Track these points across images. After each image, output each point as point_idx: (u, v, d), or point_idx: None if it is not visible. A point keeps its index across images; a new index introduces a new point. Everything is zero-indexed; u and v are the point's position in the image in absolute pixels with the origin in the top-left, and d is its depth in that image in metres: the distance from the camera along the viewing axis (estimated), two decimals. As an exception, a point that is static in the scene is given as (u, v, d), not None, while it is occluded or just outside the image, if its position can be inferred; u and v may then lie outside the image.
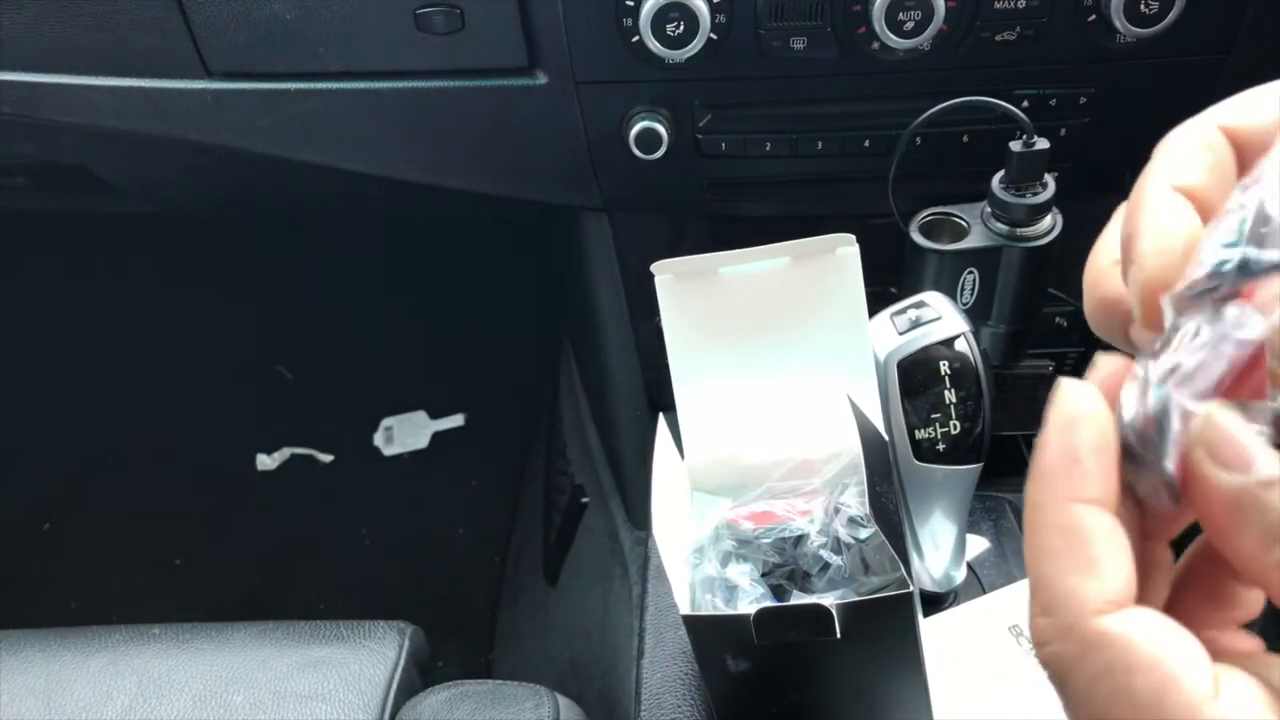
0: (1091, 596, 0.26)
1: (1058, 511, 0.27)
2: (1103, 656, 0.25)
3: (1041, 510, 0.27)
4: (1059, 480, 0.27)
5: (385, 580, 1.41)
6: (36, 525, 1.50)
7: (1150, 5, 0.67)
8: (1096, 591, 0.26)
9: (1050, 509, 0.27)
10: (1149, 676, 0.25)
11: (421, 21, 0.72)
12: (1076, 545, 0.26)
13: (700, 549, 0.59)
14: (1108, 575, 0.26)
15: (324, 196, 1.14)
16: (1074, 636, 0.26)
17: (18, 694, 0.71)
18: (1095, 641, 0.25)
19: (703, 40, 0.69)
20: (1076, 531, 0.26)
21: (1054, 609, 0.26)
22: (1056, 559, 0.26)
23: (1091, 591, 0.26)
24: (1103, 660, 0.25)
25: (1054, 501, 0.27)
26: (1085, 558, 0.26)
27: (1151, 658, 0.25)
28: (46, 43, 0.77)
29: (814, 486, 0.61)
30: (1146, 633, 0.25)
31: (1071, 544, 0.26)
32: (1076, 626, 0.26)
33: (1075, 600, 0.26)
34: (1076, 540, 0.26)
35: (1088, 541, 0.26)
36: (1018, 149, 0.66)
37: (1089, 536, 0.26)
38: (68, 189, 1.14)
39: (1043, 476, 0.27)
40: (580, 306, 1.00)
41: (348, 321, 1.69)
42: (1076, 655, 0.26)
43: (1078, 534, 0.26)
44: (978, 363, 0.61)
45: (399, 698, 0.71)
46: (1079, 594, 0.26)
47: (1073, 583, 0.26)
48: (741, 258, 0.59)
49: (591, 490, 1.13)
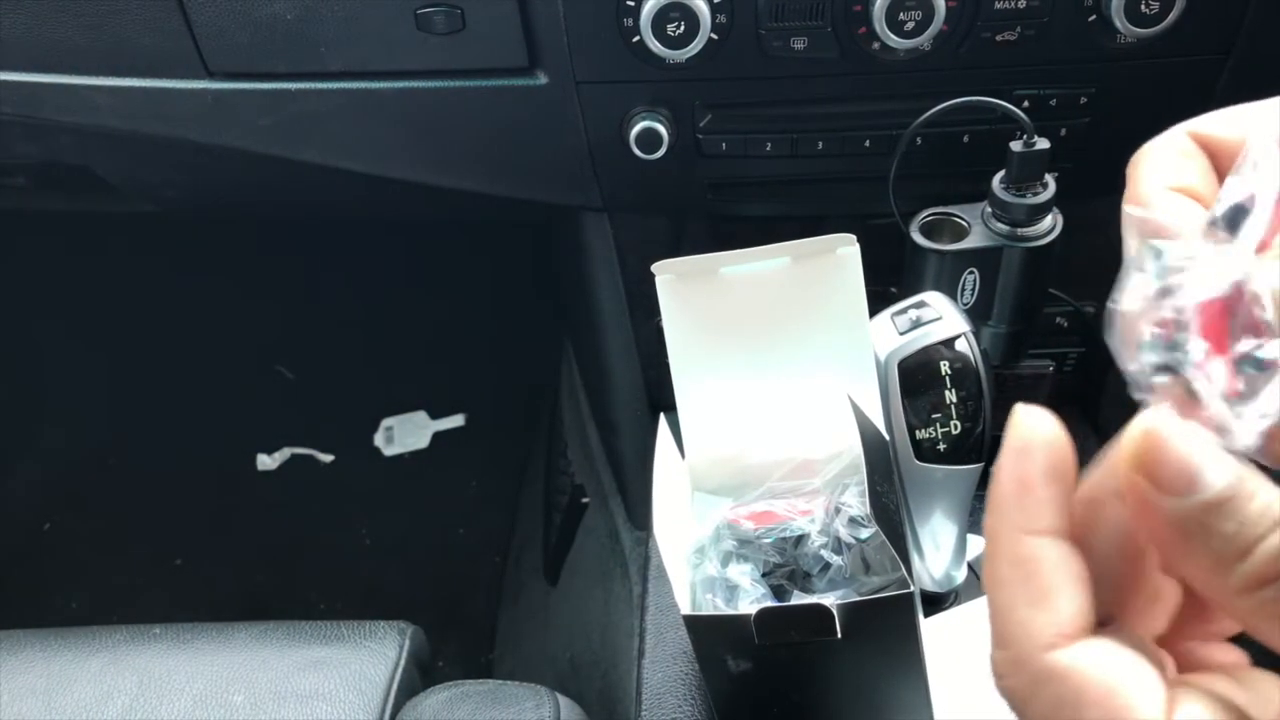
0: (1042, 629, 0.26)
1: (1010, 542, 0.27)
2: (1054, 690, 0.25)
3: (995, 540, 0.27)
4: (1011, 510, 0.27)
5: (385, 580, 1.41)
6: (37, 525, 1.50)
7: (1151, 5, 0.67)
8: (1046, 624, 0.26)
9: (1003, 539, 0.27)
10: (1099, 710, 0.25)
11: (422, 22, 0.72)
12: (1028, 577, 0.26)
13: (701, 549, 0.59)
14: (1058, 607, 0.26)
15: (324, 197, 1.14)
16: (1026, 670, 0.26)
17: (18, 694, 0.71)
18: (1046, 676, 0.25)
19: (703, 40, 0.69)
20: (1027, 563, 0.26)
21: (1008, 642, 0.26)
22: (1009, 591, 0.26)
23: (1041, 624, 0.26)
24: (1054, 694, 0.25)
25: (1006, 532, 0.27)
26: (1036, 589, 0.26)
27: (1102, 691, 0.25)
28: (47, 43, 0.77)
29: (815, 486, 0.61)
30: (1097, 665, 0.25)
31: (1023, 575, 0.26)
32: (1028, 660, 0.26)
33: (1027, 633, 0.26)
34: (1027, 572, 0.26)
35: (1038, 573, 0.26)
36: (1018, 149, 0.66)
37: (1039, 568, 0.26)
38: (68, 189, 1.14)
39: (996, 506, 0.27)
40: (581, 306, 1.00)
41: (348, 321, 1.69)
42: (1030, 689, 0.26)
43: (1028, 565, 0.26)
44: (978, 363, 0.61)
45: (399, 698, 0.71)
46: (1030, 627, 0.26)
47: (1024, 615, 0.26)
48: (742, 258, 0.59)
49: (592, 490, 1.13)
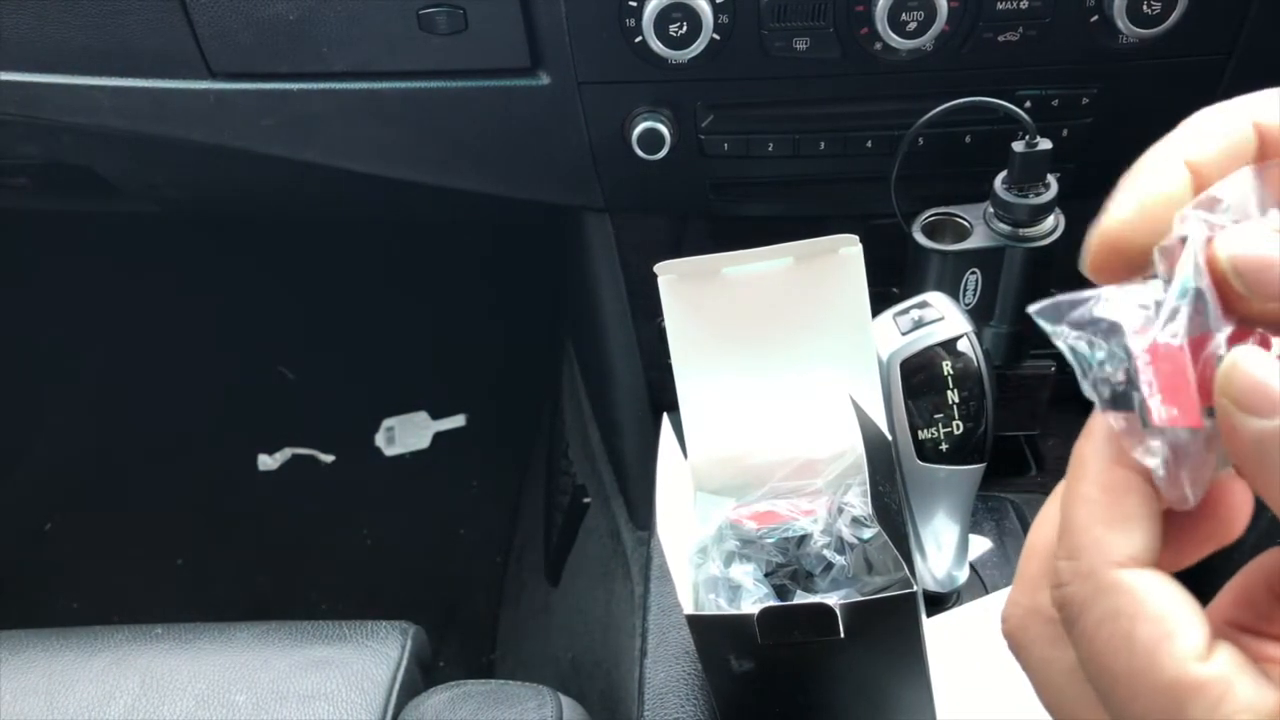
0: (1117, 548, 0.27)
1: (1104, 469, 0.28)
2: (1113, 602, 0.27)
3: (1088, 464, 0.29)
4: (1113, 443, 0.28)
5: (387, 580, 1.41)
6: (38, 525, 1.50)
7: (1153, 6, 0.67)
8: (1122, 546, 0.27)
9: (1097, 464, 0.28)
10: (1150, 627, 0.26)
11: (424, 22, 0.72)
12: (1114, 502, 0.28)
13: (704, 549, 0.59)
14: (1136, 535, 0.28)
15: (326, 197, 1.14)
16: (1091, 580, 0.27)
17: (20, 694, 0.71)
18: (1110, 588, 0.27)
19: (705, 41, 0.69)
20: (1118, 490, 0.28)
21: (1079, 553, 0.28)
22: (1093, 509, 0.28)
23: (1118, 545, 0.27)
24: (1112, 605, 0.27)
25: (1102, 459, 0.28)
26: (1120, 514, 0.28)
27: (1157, 612, 0.26)
28: (49, 43, 0.77)
29: (817, 486, 0.61)
30: (1158, 591, 0.27)
31: (1110, 500, 0.28)
32: (1096, 571, 0.27)
33: (1101, 548, 0.28)
34: (1115, 498, 0.28)
35: (1125, 502, 0.28)
36: (1020, 149, 0.67)
37: (1128, 497, 0.28)
38: (70, 189, 1.14)
39: (1097, 436, 0.29)
40: (582, 307, 1.00)
41: (349, 322, 1.69)
42: (1090, 597, 0.27)
43: (1118, 492, 0.28)
44: (980, 363, 0.61)
45: (401, 698, 0.71)
46: (1106, 544, 0.28)
47: (1102, 533, 0.28)
48: (745, 258, 0.59)
49: (593, 490, 1.13)
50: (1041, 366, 0.79)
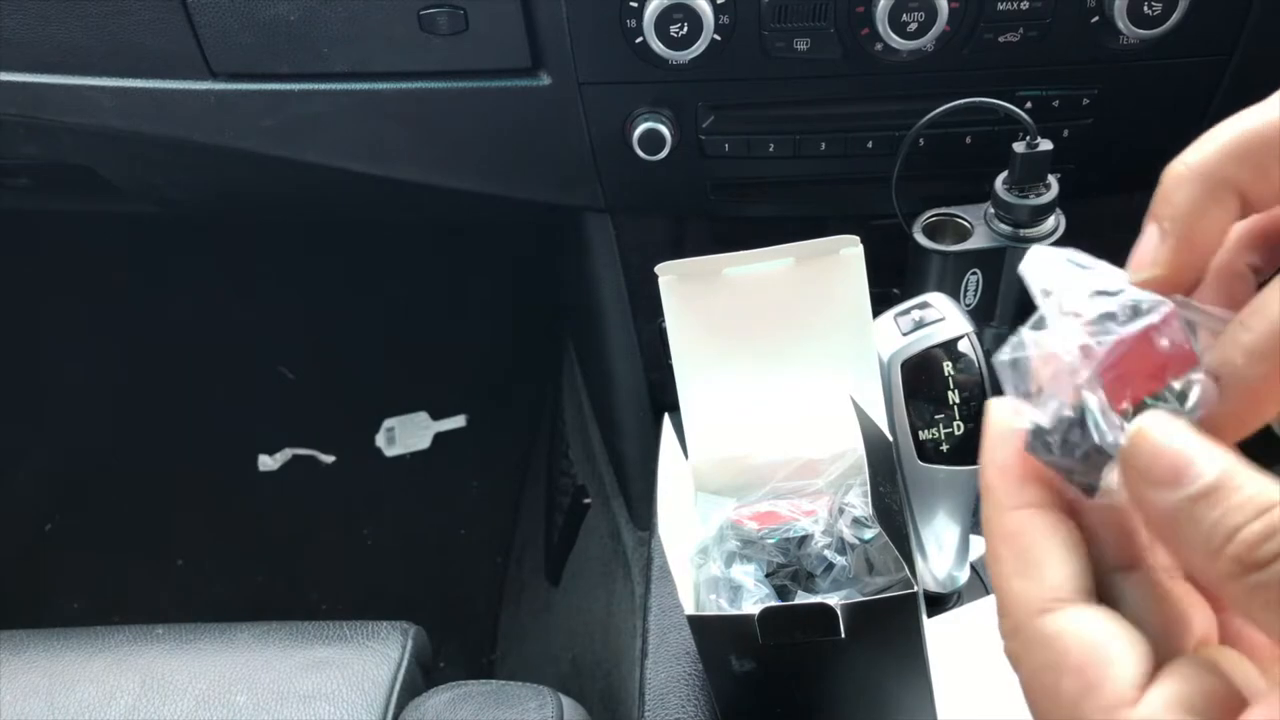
0: (1032, 597, 0.27)
1: (998, 520, 0.28)
2: (1040, 656, 0.27)
3: (988, 522, 0.29)
4: (995, 491, 0.29)
5: (387, 581, 1.41)
6: (38, 525, 1.50)
7: (1153, 7, 0.68)
8: (1036, 592, 0.27)
9: (993, 519, 0.29)
10: (1072, 680, 0.26)
11: (425, 22, 0.72)
12: (1017, 550, 0.28)
13: (704, 549, 0.59)
14: (1045, 575, 0.27)
15: (326, 197, 1.14)
16: (1020, 635, 0.27)
17: (20, 694, 0.71)
18: (1034, 641, 0.27)
19: (706, 41, 0.69)
20: (1015, 536, 0.28)
21: (1005, 610, 0.28)
22: (1002, 564, 0.28)
23: (1031, 592, 0.27)
24: (1040, 658, 0.27)
25: (995, 511, 0.28)
26: (1024, 560, 0.28)
27: (1079, 661, 0.26)
28: (50, 44, 0.77)
29: (818, 487, 0.61)
30: (1079, 633, 0.26)
31: (1012, 549, 0.28)
32: (1021, 626, 0.27)
33: (1019, 602, 0.27)
34: (1016, 545, 0.28)
35: (1025, 545, 0.28)
36: (1021, 150, 0.67)
37: (1026, 539, 0.28)
38: (71, 189, 1.14)
39: (984, 492, 0.29)
40: (583, 307, 1.00)
41: (349, 322, 1.69)
42: (1022, 652, 0.28)
43: (1016, 538, 0.28)
44: (981, 364, 0.61)
45: (402, 698, 0.71)
46: (1022, 595, 0.27)
47: (1016, 585, 0.28)
48: (746, 259, 0.59)
49: (594, 491, 1.13)
50: (1042, 367, 0.79)
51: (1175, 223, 0.28)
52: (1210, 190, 0.28)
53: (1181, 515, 0.25)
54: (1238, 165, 0.28)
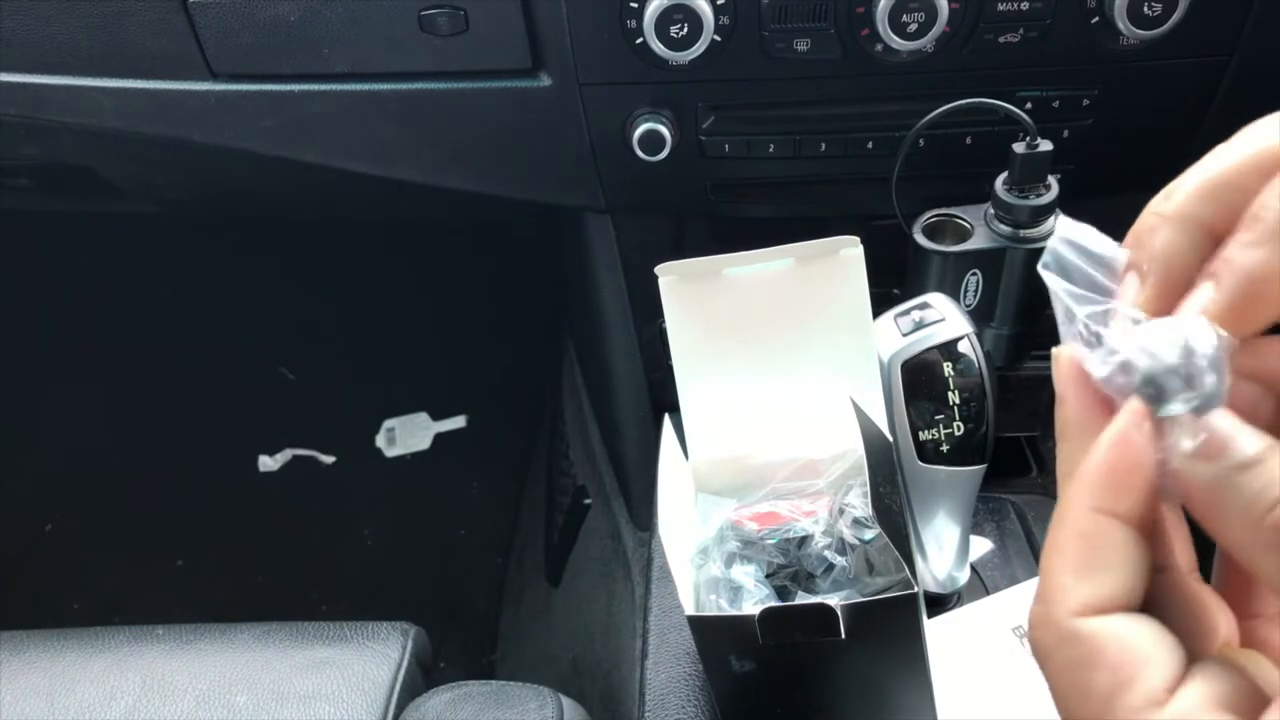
0: (1080, 596, 0.28)
1: (1082, 516, 0.29)
2: (1073, 651, 0.28)
3: (1068, 510, 0.29)
4: (1094, 489, 0.29)
5: (387, 581, 1.41)
6: (39, 526, 1.50)
7: (1153, 7, 0.68)
8: (1086, 594, 0.28)
9: (1076, 511, 0.29)
10: (1105, 677, 0.27)
11: (425, 23, 0.72)
12: (1088, 550, 0.28)
13: (705, 550, 0.59)
14: (1105, 581, 0.28)
15: (327, 197, 1.14)
16: (1053, 628, 0.28)
17: (21, 694, 0.71)
18: (1069, 636, 0.28)
19: (706, 42, 0.69)
20: (1090, 538, 0.28)
21: (1046, 599, 0.29)
22: (1065, 557, 0.29)
23: (1082, 592, 0.28)
24: (1072, 655, 0.28)
25: (1081, 505, 0.29)
26: (1088, 564, 0.28)
27: (1114, 660, 0.27)
28: (50, 44, 0.77)
29: (819, 487, 0.61)
30: (1116, 635, 0.27)
31: (1083, 548, 0.28)
32: (1058, 619, 0.28)
33: (1065, 596, 0.28)
34: (1089, 544, 0.28)
35: (1097, 550, 0.28)
36: (1021, 151, 0.67)
37: (1099, 545, 0.28)
38: (71, 190, 1.15)
39: (1081, 481, 0.29)
40: (583, 307, 1.00)
41: (350, 322, 1.69)
42: (1053, 645, 0.28)
43: (1090, 541, 0.28)
44: (981, 364, 0.61)
45: (402, 698, 0.71)
46: (1070, 592, 0.28)
47: (1069, 581, 0.28)
48: (746, 259, 0.59)
49: (594, 491, 1.13)
50: (1042, 367, 0.79)
51: (1154, 264, 0.30)
52: (1183, 232, 0.30)
53: (1225, 485, 0.26)
54: (1208, 205, 0.29)
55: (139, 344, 1.67)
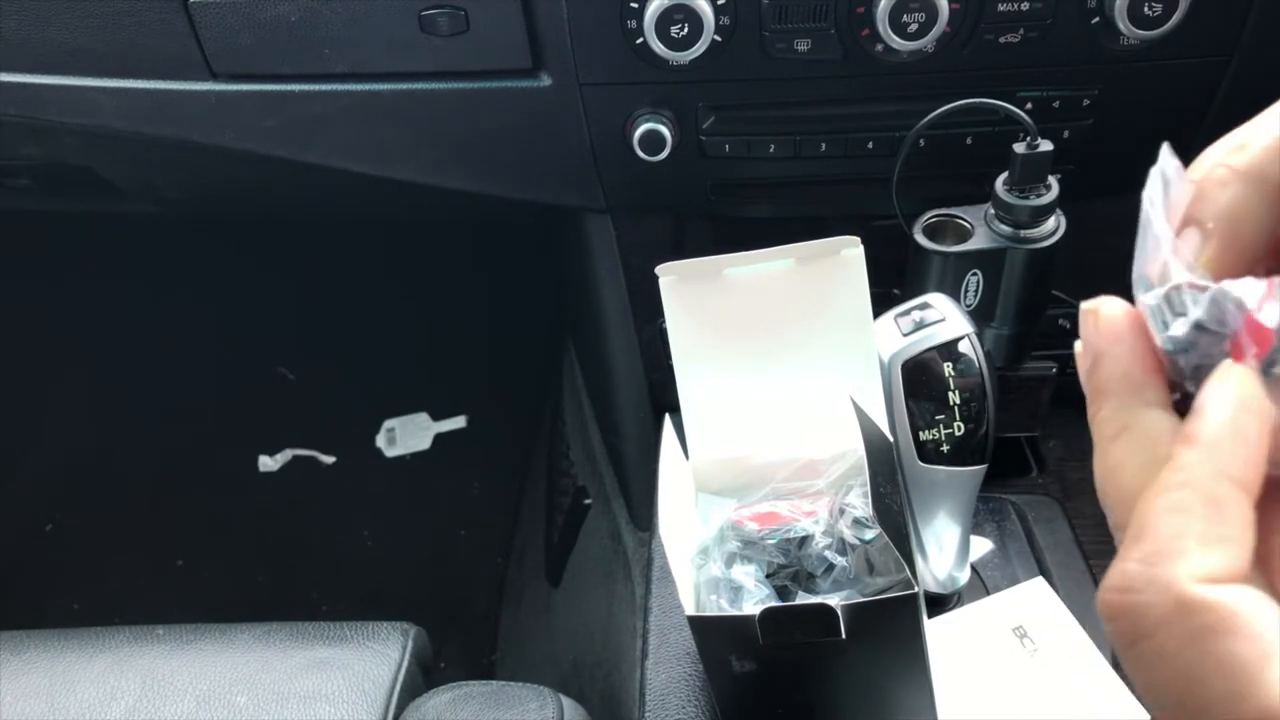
0: (1211, 563, 0.26)
1: (1208, 480, 0.27)
2: (1200, 619, 0.25)
3: (1191, 472, 0.27)
4: (1222, 452, 0.27)
5: (387, 581, 1.41)
6: (39, 526, 1.50)
7: (1154, 7, 0.68)
8: (1215, 562, 0.26)
9: (1203, 473, 0.27)
10: (1249, 646, 0.25)
11: (426, 23, 0.72)
12: (1214, 516, 0.26)
13: (705, 550, 0.59)
14: (1234, 552, 0.26)
15: (327, 197, 1.14)
16: (1172, 593, 0.26)
17: (21, 694, 0.71)
18: (1196, 604, 0.25)
19: (707, 42, 0.69)
20: (1220, 503, 0.26)
21: (1160, 561, 0.26)
22: (1190, 521, 0.26)
23: (1209, 561, 0.26)
24: (1200, 623, 0.25)
25: (1209, 468, 0.27)
26: (1216, 530, 0.26)
27: (1254, 629, 0.25)
28: (51, 44, 0.77)
29: (819, 487, 0.61)
30: (1253, 606, 0.25)
31: (1212, 514, 0.26)
32: (1179, 584, 0.26)
33: (1190, 562, 0.26)
34: (1216, 511, 0.26)
35: (1224, 518, 0.26)
36: (1021, 151, 0.67)
37: (1230, 514, 0.26)
38: (71, 189, 1.14)
39: (1207, 444, 0.27)
40: (583, 308, 1.00)
41: (350, 323, 1.69)
42: (1170, 613, 0.26)
43: (1220, 506, 0.26)
44: (981, 364, 0.61)
45: (403, 698, 0.71)
46: (1196, 558, 0.26)
47: (1193, 547, 0.26)
48: (746, 259, 0.59)
49: (594, 491, 1.13)
50: (1042, 368, 0.79)
51: (1220, 222, 0.28)
52: (1258, 191, 0.28)
53: None
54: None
55: (139, 344, 1.67)
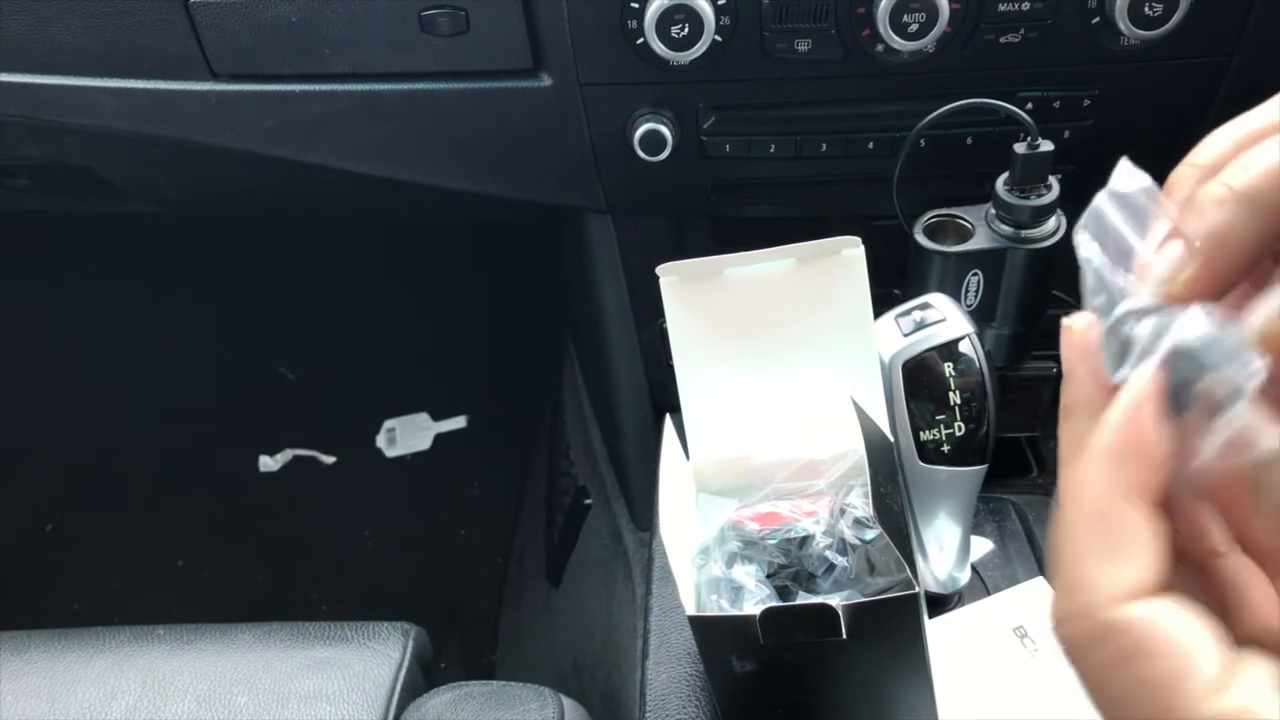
0: (1116, 583, 0.26)
1: (1101, 495, 0.26)
2: (1119, 642, 0.26)
3: (1084, 491, 0.27)
4: (1111, 466, 0.26)
5: (388, 581, 1.41)
6: (39, 526, 1.50)
7: (1154, 7, 0.68)
8: (1122, 580, 0.26)
9: (1094, 490, 0.27)
10: (1162, 664, 0.25)
11: (426, 23, 0.72)
12: (1110, 533, 0.26)
13: (706, 550, 0.59)
14: (1138, 563, 0.26)
15: (327, 197, 1.14)
16: (1091, 620, 0.26)
17: (22, 695, 0.71)
18: (1111, 627, 0.26)
19: (707, 42, 0.69)
20: (1116, 519, 0.26)
21: (1078, 589, 0.26)
22: (1090, 540, 0.26)
23: (1118, 577, 0.26)
24: (1118, 646, 0.26)
25: (1098, 485, 0.26)
26: (1115, 545, 0.26)
27: (1167, 647, 0.25)
28: (51, 44, 0.77)
29: (819, 487, 0.61)
30: (1167, 623, 0.25)
31: (1109, 530, 0.26)
32: (1096, 609, 0.26)
33: (1098, 584, 0.26)
34: (1114, 528, 0.26)
35: (1121, 531, 0.26)
36: (1022, 151, 0.67)
37: (1123, 526, 0.26)
38: (71, 189, 1.14)
39: (1094, 459, 0.27)
40: (584, 308, 1.00)
41: (350, 323, 1.69)
42: (1094, 637, 0.26)
43: (1117, 522, 0.26)
44: (982, 364, 0.61)
45: (403, 698, 0.71)
46: (1102, 578, 0.26)
47: (1101, 567, 0.26)
48: (747, 260, 0.59)
49: (594, 491, 1.13)
50: (1043, 368, 0.79)
51: (1208, 243, 0.27)
52: (1252, 214, 0.27)
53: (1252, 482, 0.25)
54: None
55: (139, 344, 1.67)
